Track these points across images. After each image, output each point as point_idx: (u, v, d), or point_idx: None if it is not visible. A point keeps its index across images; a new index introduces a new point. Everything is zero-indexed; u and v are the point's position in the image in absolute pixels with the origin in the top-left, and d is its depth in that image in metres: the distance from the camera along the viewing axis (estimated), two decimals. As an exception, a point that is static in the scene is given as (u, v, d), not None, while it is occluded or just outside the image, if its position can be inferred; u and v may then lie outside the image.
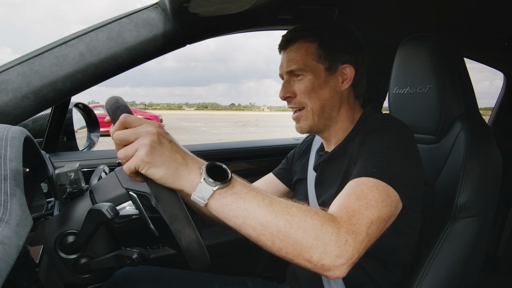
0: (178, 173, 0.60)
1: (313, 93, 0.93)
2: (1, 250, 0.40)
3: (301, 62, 0.93)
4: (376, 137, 0.84)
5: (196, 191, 0.60)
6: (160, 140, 0.59)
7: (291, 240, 0.61)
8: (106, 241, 0.85)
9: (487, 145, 0.98)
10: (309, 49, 0.93)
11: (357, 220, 0.66)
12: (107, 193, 0.85)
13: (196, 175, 0.61)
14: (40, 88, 0.85)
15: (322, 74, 0.93)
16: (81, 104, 1.66)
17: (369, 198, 0.70)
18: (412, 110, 1.10)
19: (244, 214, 0.61)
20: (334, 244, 0.61)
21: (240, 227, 0.62)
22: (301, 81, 0.94)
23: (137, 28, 0.93)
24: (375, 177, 0.74)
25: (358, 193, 0.71)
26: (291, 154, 1.21)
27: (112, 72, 0.93)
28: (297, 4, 1.11)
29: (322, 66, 0.93)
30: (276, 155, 1.68)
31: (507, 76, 2.11)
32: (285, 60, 0.96)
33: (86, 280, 0.84)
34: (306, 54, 0.93)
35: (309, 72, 0.93)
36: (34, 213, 0.83)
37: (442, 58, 1.02)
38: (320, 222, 0.62)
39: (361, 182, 0.74)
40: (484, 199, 0.94)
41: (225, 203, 0.61)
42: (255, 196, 0.62)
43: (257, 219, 0.61)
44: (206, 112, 78.64)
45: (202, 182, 0.60)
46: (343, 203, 0.70)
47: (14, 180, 0.52)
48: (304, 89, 0.93)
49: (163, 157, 0.58)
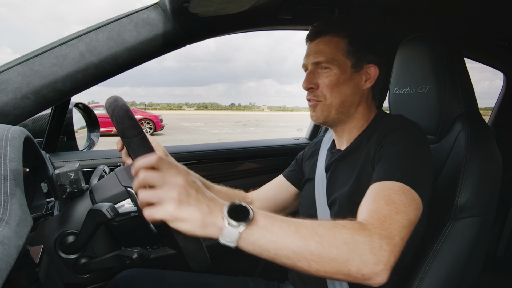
0: (204, 223, 0.59)
1: (336, 87, 0.94)
2: (1, 250, 0.40)
3: (330, 55, 0.93)
4: (395, 140, 0.84)
5: (223, 236, 0.60)
6: (188, 192, 0.59)
7: (326, 259, 0.61)
8: (106, 241, 0.85)
9: (487, 145, 0.98)
10: (339, 44, 0.94)
11: (389, 225, 0.66)
12: (106, 192, 0.85)
13: (220, 220, 0.60)
14: (40, 88, 0.85)
15: (348, 70, 0.94)
16: (81, 104, 1.66)
17: (397, 203, 0.71)
18: (412, 110, 1.10)
19: (275, 246, 0.61)
20: (369, 252, 0.62)
21: (273, 258, 0.62)
22: (326, 74, 0.94)
23: (137, 28, 0.93)
24: (400, 181, 0.75)
25: (386, 198, 0.72)
26: (300, 155, 1.21)
27: (112, 72, 0.93)
28: (297, 4, 1.11)
29: (349, 62, 0.94)
30: (276, 155, 1.68)
31: (507, 76, 2.11)
32: (312, 51, 0.96)
33: (86, 280, 0.84)
34: (336, 48, 0.93)
35: (336, 66, 0.93)
36: (34, 213, 0.83)
37: (442, 58, 1.02)
38: (350, 235, 0.63)
39: (387, 186, 0.75)
40: (484, 199, 0.94)
41: (253, 241, 0.61)
42: (280, 226, 0.62)
43: (288, 248, 0.61)
44: (206, 112, 78.67)
45: (227, 227, 0.60)
46: (373, 209, 0.70)
47: (14, 180, 0.52)
48: (328, 82, 0.94)
49: (190, 210, 0.58)
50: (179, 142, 12.20)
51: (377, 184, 0.76)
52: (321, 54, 0.94)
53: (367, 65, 0.96)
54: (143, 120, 13.90)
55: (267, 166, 1.66)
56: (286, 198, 1.19)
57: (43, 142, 1.36)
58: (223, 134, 16.03)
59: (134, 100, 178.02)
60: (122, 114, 0.64)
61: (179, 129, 18.16)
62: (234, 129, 19.41)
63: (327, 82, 0.94)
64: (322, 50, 0.94)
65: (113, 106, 0.65)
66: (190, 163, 1.48)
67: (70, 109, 1.49)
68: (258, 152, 1.65)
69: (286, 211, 1.20)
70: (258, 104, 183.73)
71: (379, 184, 0.76)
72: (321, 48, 0.94)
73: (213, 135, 15.46)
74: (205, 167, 1.52)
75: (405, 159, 0.80)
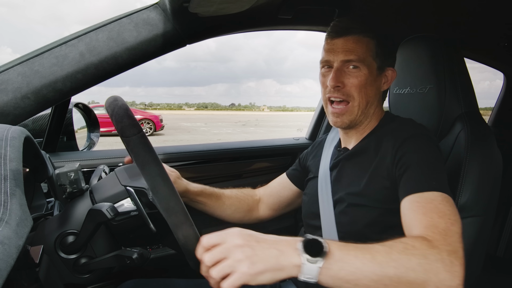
0: (281, 266, 0.60)
1: (363, 88, 0.93)
2: (1, 250, 0.40)
3: (362, 54, 0.92)
4: (417, 147, 0.85)
5: (304, 273, 0.60)
6: (250, 246, 0.60)
7: (405, 282, 0.62)
8: (106, 241, 0.85)
9: (487, 145, 0.98)
10: (369, 44, 0.93)
11: (451, 239, 0.68)
12: (106, 192, 0.85)
13: (296, 257, 0.61)
14: (40, 88, 0.85)
15: (374, 72, 0.94)
16: (81, 104, 1.66)
17: (448, 214, 0.73)
18: (413, 110, 1.10)
19: (354, 277, 0.62)
20: (443, 269, 0.63)
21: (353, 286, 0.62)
22: (356, 74, 0.92)
23: (137, 28, 0.93)
24: (438, 190, 0.77)
25: (436, 210, 0.73)
26: (304, 155, 1.22)
27: (112, 72, 0.93)
28: (297, 4, 1.11)
29: (375, 65, 0.94)
30: (276, 155, 1.68)
31: (507, 76, 2.11)
32: (340, 48, 0.93)
33: (86, 280, 0.84)
34: (366, 49, 0.92)
35: (366, 66, 0.92)
36: (34, 213, 0.83)
37: (442, 58, 1.02)
38: (423, 255, 0.63)
39: (429, 197, 0.76)
40: (484, 199, 0.94)
41: (332, 274, 0.61)
42: (356, 256, 0.63)
43: (367, 277, 0.62)
44: (206, 112, 78.70)
45: (306, 264, 0.60)
46: (430, 223, 0.71)
47: (14, 180, 0.52)
48: (357, 82, 0.92)
49: (262, 261, 0.59)
50: (179, 142, 12.20)
51: (416, 196, 0.77)
52: (353, 52, 0.91)
53: (387, 68, 0.97)
54: (143, 120, 13.90)
55: (267, 166, 1.66)
56: (289, 195, 1.21)
57: (43, 142, 1.36)
58: (223, 134, 16.03)
59: (134, 100, 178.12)
60: (121, 113, 0.64)
61: (179, 129, 18.16)
62: (234, 129, 19.41)
63: (356, 82, 0.92)
64: (353, 48, 0.92)
65: (112, 106, 0.65)
66: (190, 163, 1.48)
67: (70, 109, 1.49)
68: (258, 152, 1.65)
69: (290, 207, 1.23)
70: (258, 104, 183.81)
71: (418, 196, 0.77)
72: (351, 46, 0.92)
73: (213, 135, 15.46)
74: (205, 167, 1.52)
75: (433, 166, 0.82)
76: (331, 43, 0.95)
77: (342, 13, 1.19)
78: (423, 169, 0.82)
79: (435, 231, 0.69)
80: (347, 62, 0.92)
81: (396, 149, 0.87)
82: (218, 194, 1.15)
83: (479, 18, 1.32)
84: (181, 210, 0.65)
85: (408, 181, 0.82)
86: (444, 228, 0.69)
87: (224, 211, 1.16)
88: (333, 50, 0.94)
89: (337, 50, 0.93)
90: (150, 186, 0.64)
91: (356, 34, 0.92)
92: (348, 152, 1.00)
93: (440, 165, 0.84)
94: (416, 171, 0.82)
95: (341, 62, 0.93)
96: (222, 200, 1.16)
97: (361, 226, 0.90)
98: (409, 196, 0.79)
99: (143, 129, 1.63)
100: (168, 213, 0.65)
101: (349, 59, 0.92)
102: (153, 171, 0.64)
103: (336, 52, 0.93)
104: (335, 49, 0.94)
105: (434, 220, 0.71)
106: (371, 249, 0.64)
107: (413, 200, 0.77)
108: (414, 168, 0.82)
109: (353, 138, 1.02)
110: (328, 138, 1.15)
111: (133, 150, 0.63)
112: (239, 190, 1.22)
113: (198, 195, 1.12)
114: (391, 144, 0.89)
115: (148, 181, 0.64)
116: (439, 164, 0.84)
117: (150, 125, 14.14)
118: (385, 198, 0.88)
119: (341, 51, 0.92)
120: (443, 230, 0.69)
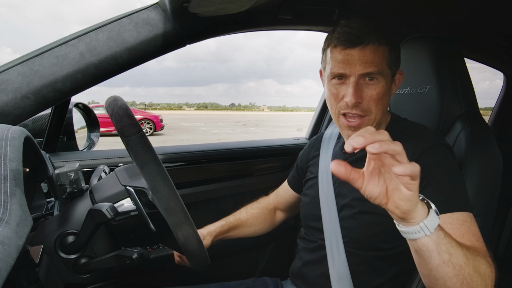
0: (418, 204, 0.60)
1: (381, 100, 0.87)
2: (1, 250, 0.40)
3: (380, 66, 0.85)
4: (438, 160, 0.84)
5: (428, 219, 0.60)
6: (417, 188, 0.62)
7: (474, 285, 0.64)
8: (106, 241, 0.85)
9: (487, 145, 0.98)
10: (385, 53, 0.86)
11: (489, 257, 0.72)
12: (106, 191, 0.85)
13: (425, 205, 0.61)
14: (40, 88, 0.85)
15: (389, 80, 0.89)
16: (81, 104, 1.66)
17: (478, 235, 0.76)
18: (413, 110, 1.10)
19: (451, 251, 0.63)
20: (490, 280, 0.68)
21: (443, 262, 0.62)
22: (373, 86, 0.86)
23: (137, 28, 0.93)
24: (467, 210, 0.78)
25: (471, 233, 0.75)
26: (300, 158, 1.22)
27: (112, 72, 0.93)
28: (297, 4, 1.11)
29: (390, 73, 0.89)
30: (276, 155, 1.68)
31: (507, 76, 2.11)
32: (357, 59, 0.84)
33: (86, 280, 0.84)
34: (383, 58, 0.86)
35: (383, 77, 0.86)
36: (34, 213, 0.83)
37: (442, 58, 1.02)
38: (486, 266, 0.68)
39: (461, 219, 0.77)
40: (484, 199, 0.94)
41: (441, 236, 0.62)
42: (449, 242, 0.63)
43: (458, 259, 0.63)
44: (206, 112, 78.68)
45: (432, 212, 0.60)
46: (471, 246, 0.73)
47: (14, 180, 0.52)
48: (376, 95, 0.86)
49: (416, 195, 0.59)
50: (179, 142, 12.20)
51: (447, 217, 0.77)
52: (372, 64, 0.84)
53: (397, 71, 0.94)
54: (143, 120, 13.90)
55: (267, 166, 1.66)
56: (296, 201, 1.24)
57: (43, 142, 1.36)
58: (223, 134, 16.02)
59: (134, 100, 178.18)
60: (121, 113, 0.64)
61: (179, 129, 18.15)
62: (234, 129, 19.40)
63: (374, 95, 0.86)
64: (372, 60, 0.84)
65: (112, 106, 0.66)
66: (190, 163, 1.48)
67: (70, 109, 1.49)
68: (258, 152, 1.65)
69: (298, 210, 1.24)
70: (258, 104, 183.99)
71: (449, 217, 0.77)
72: (369, 57, 0.84)
73: (213, 135, 15.46)
74: (205, 167, 1.52)
75: (456, 181, 0.82)
76: (344, 53, 0.85)
77: (342, 13, 1.19)
78: (448, 186, 0.80)
79: (480, 253, 0.71)
80: (365, 75, 0.85)
81: (415, 159, 0.84)
82: (235, 225, 1.18)
83: (479, 18, 1.32)
84: (181, 209, 0.65)
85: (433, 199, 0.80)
86: (484, 252, 0.73)
87: (246, 234, 1.21)
88: (348, 61, 0.85)
89: (354, 62, 0.84)
90: (150, 185, 0.65)
91: (373, 43, 0.84)
92: (356, 156, 0.94)
93: (462, 179, 0.84)
94: (442, 188, 0.80)
95: (359, 76, 0.85)
96: (241, 228, 1.19)
97: (371, 233, 0.89)
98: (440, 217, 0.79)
99: (143, 129, 1.62)
100: (168, 213, 0.65)
101: (368, 72, 0.84)
102: (153, 171, 0.64)
103: (352, 64, 0.85)
104: (351, 61, 0.85)
105: (474, 243, 0.74)
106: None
107: (444, 221, 0.76)
108: (438, 184, 0.80)
109: None
110: (325, 137, 1.13)
111: (133, 149, 0.63)
112: (253, 207, 1.25)
113: (218, 236, 1.14)
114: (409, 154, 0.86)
115: (148, 181, 0.64)
116: (461, 178, 0.84)
117: (150, 125, 14.14)
118: None
119: (358, 63, 0.84)
120: (485, 252, 0.73)
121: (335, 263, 0.92)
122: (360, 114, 0.88)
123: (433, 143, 0.86)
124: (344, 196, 0.96)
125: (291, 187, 1.24)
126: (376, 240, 0.89)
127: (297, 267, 1.06)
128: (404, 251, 0.88)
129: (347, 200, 0.94)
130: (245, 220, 1.20)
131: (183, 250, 0.68)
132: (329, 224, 0.96)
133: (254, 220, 1.21)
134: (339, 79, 0.88)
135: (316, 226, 1.00)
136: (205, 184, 1.50)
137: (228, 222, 1.17)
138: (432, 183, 0.81)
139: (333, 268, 0.92)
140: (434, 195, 0.79)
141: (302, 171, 1.18)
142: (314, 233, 1.02)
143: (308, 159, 1.16)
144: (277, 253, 1.60)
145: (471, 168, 0.94)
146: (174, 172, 1.43)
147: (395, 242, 0.88)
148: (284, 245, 1.61)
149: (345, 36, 0.85)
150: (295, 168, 1.23)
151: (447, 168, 0.83)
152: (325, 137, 1.13)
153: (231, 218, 1.19)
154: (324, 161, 1.05)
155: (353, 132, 0.89)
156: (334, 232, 0.94)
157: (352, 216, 0.92)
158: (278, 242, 1.59)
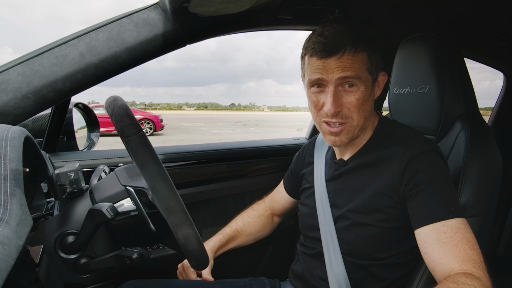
0: None
1: (362, 106, 0.86)
2: (1, 250, 0.40)
3: (359, 71, 0.83)
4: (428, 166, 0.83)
5: None
6: None
7: None
8: (106, 241, 0.85)
9: (487, 145, 0.98)
10: (363, 59, 0.84)
11: (483, 268, 0.73)
12: (106, 191, 0.85)
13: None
14: (40, 88, 0.85)
15: (369, 85, 0.87)
16: (81, 104, 1.66)
17: (473, 242, 0.75)
18: (412, 110, 1.10)
19: None
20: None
21: None
22: (352, 93, 0.85)
23: (137, 28, 0.93)
24: (458, 216, 0.78)
25: (465, 240, 0.75)
26: (295, 163, 1.21)
27: (112, 72, 0.93)
28: (297, 4, 1.11)
29: (371, 78, 0.87)
30: (276, 155, 1.68)
31: (507, 76, 2.11)
32: (335, 66, 0.83)
33: (86, 280, 0.84)
34: (362, 64, 0.84)
35: (362, 83, 0.85)
36: (34, 213, 0.83)
37: (442, 58, 1.02)
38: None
39: (455, 226, 0.77)
40: (484, 199, 0.94)
41: None
42: None
43: None
44: (206, 112, 78.67)
45: None
46: (466, 258, 0.73)
47: (14, 180, 0.52)
48: (356, 102, 0.85)
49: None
50: (179, 142, 12.20)
51: (440, 225, 0.77)
52: (350, 69, 0.83)
53: (379, 74, 0.91)
54: (143, 120, 13.90)
55: (267, 166, 1.66)
56: (292, 206, 1.24)
57: (43, 142, 1.36)
58: (223, 134, 16.02)
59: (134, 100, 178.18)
60: (121, 113, 0.64)
61: (179, 129, 18.15)
62: (234, 129, 19.40)
63: (354, 102, 0.85)
64: (350, 65, 0.83)
65: (112, 106, 0.66)
66: (190, 163, 1.48)
67: (70, 109, 1.49)
68: (258, 152, 1.65)
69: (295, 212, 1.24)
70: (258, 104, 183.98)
71: (442, 225, 0.77)
72: (348, 63, 0.83)
73: (213, 135, 15.45)
74: (205, 167, 1.51)
75: (448, 188, 0.82)
76: (320, 62, 0.84)
77: (342, 13, 1.19)
78: (439, 193, 0.80)
79: (475, 266, 0.72)
80: (344, 79, 0.84)
81: (404, 166, 0.84)
82: (232, 236, 1.17)
83: (479, 17, 1.32)
84: (181, 209, 0.65)
85: (426, 207, 0.79)
86: (478, 261, 0.73)
87: (246, 243, 1.21)
88: (325, 68, 0.84)
89: (331, 68, 0.83)
90: (149, 185, 0.65)
91: (349, 51, 0.82)
92: (347, 167, 0.96)
93: (452, 185, 0.83)
94: (433, 196, 0.79)
95: (337, 80, 0.84)
96: (239, 238, 1.19)
97: (366, 245, 0.90)
98: (432, 224, 0.77)
99: (143, 129, 1.62)
100: (167, 213, 0.65)
101: (346, 75, 0.83)
102: (153, 171, 0.64)
103: (329, 70, 0.84)
104: (327, 68, 0.84)
105: (468, 252, 0.74)
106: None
107: (438, 230, 0.76)
108: (430, 192, 0.80)
109: (348, 149, 0.97)
110: (318, 141, 1.12)
111: (133, 149, 0.64)
112: (249, 215, 1.24)
113: (219, 252, 1.14)
114: (398, 161, 0.85)
115: (148, 181, 0.64)
116: (451, 185, 0.83)
117: (150, 125, 14.14)
118: (392, 217, 0.86)
119: (336, 68, 0.83)
120: (479, 262, 0.73)
121: (333, 270, 0.92)
122: (341, 122, 0.87)
123: (422, 149, 0.85)
124: (339, 208, 0.95)
125: (288, 193, 1.22)
126: (372, 250, 0.89)
127: (296, 269, 1.07)
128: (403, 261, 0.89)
129: (342, 211, 0.94)
130: (242, 230, 1.19)
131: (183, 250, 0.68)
132: (326, 235, 0.96)
133: (253, 229, 1.21)
134: (318, 87, 0.87)
135: (315, 236, 1.00)
136: (205, 184, 1.50)
137: (225, 235, 1.16)
138: (423, 191, 0.81)
139: (332, 274, 0.93)
140: (425, 203, 0.80)
141: (297, 178, 1.18)
142: (313, 241, 1.02)
143: (302, 165, 1.15)
144: (277, 253, 1.60)
145: (471, 168, 0.94)
146: (174, 172, 1.43)
147: (392, 252, 0.89)
148: (284, 245, 1.61)
149: (320, 46, 0.83)
150: (290, 172, 1.22)
151: (437, 175, 0.82)
152: (317, 143, 1.12)
153: (227, 230, 1.18)
154: (319, 171, 1.04)
155: (335, 138, 0.89)
156: (331, 242, 0.94)
157: (347, 228, 0.92)
158: (278, 242, 1.59)
